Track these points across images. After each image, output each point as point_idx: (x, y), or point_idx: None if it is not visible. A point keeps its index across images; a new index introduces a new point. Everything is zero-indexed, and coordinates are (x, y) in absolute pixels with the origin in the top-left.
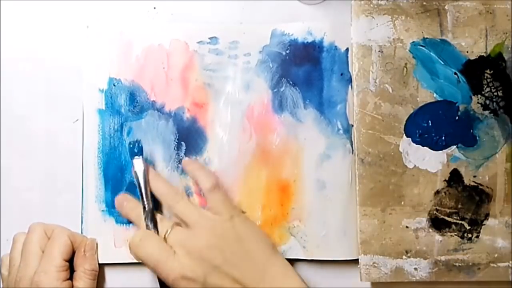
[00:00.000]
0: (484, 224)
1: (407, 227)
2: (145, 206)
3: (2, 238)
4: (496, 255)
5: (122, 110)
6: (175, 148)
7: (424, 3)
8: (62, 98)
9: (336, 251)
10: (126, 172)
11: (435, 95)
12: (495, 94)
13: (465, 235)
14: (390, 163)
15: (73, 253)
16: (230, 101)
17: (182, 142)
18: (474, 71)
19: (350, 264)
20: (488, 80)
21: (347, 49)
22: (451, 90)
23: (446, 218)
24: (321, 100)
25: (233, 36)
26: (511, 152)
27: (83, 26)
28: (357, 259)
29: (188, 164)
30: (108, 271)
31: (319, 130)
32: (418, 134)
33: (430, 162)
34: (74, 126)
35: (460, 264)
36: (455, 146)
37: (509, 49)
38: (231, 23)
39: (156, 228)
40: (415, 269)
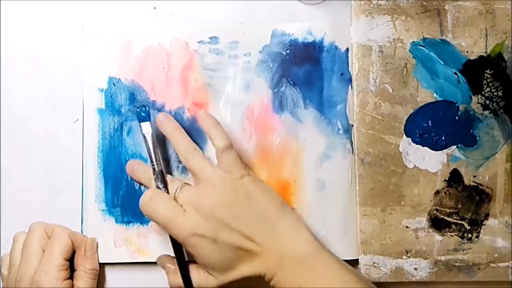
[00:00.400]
0: (484, 224)
1: (407, 227)
2: (154, 168)
3: (2, 238)
4: (496, 255)
5: (122, 110)
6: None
7: (424, 3)
8: (62, 98)
9: (336, 251)
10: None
11: (435, 95)
12: (495, 94)
13: (465, 235)
14: (390, 163)
15: (73, 252)
16: (230, 101)
17: None
18: (474, 71)
19: (350, 264)
20: (488, 80)
21: (347, 49)
22: (451, 90)
23: (446, 218)
24: (321, 100)
25: (233, 36)
26: (511, 152)
27: (83, 26)
28: (357, 259)
29: (204, 119)
30: (108, 270)
31: (319, 130)
32: (418, 134)
33: (430, 162)
34: (74, 126)
35: (460, 264)
36: (455, 146)
37: (509, 49)
38: (231, 23)
39: (166, 188)
40: (415, 269)
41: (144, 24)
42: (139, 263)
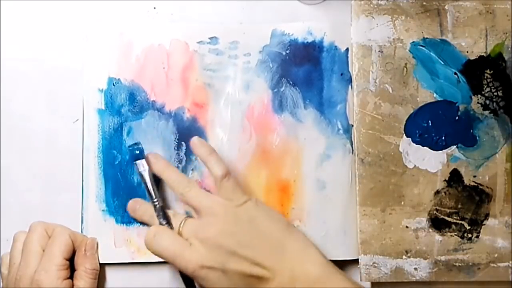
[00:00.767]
0: (484, 224)
1: (407, 227)
2: (155, 204)
3: (2, 238)
4: (496, 255)
5: (122, 110)
6: (175, 148)
7: (424, 3)
8: (62, 98)
9: (336, 251)
10: (126, 172)
11: (435, 95)
12: (495, 94)
13: (465, 235)
14: (390, 163)
15: (73, 252)
16: (230, 101)
17: (183, 142)
18: (474, 71)
19: (350, 264)
20: (488, 80)
21: (347, 49)
22: (451, 90)
23: (446, 218)
24: (321, 100)
25: (233, 36)
26: (511, 152)
27: (83, 26)
28: (357, 259)
29: (199, 146)
30: (108, 270)
31: (319, 130)
32: (418, 134)
33: (430, 162)
34: (74, 126)
35: (460, 264)
36: (455, 146)
37: (509, 49)
38: (231, 23)
39: (170, 224)
40: (415, 269)
41: (144, 24)
42: (139, 263)
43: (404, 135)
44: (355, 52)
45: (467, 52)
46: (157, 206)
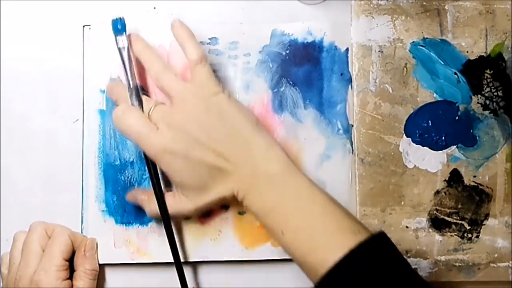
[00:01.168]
0: (484, 224)
1: (407, 227)
2: (129, 84)
3: (2, 238)
4: (496, 255)
5: None
6: None
7: (424, 3)
8: (62, 98)
9: None
10: (126, 172)
11: (435, 95)
12: (495, 94)
13: (465, 235)
14: (390, 163)
15: (73, 252)
16: None
17: None
18: (474, 71)
19: None
20: (488, 80)
21: (347, 49)
22: (451, 90)
23: (446, 218)
24: (321, 100)
25: (233, 37)
26: (511, 152)
27: (83, 26)
28: None
29: (178, 28)
30: (108, 271)
31: (319, 130)
32: (418, 134)
33: (430, 162)
34: (74, 126)
35: (460, 264)
36: (455, 146)
37: (509, 49)
38: (231, 23)
39: (141, 106)
40: (415, 269)
41: (144, 25)
42: (139, 264)
43: (404, 135)
44: (355, 52)
45: (467, 52)
46: (131, 85)
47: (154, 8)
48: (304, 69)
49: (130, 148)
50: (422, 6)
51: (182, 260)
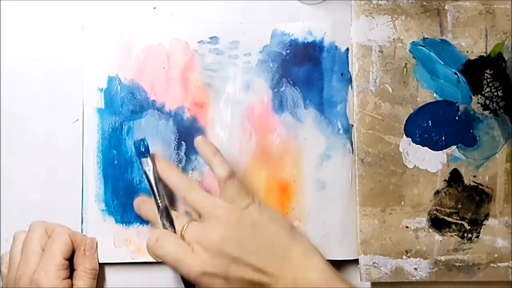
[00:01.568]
0: (484, 224)
1: (407, 227)
2: (159, 205)
3: (2, 238)
4: (496, 255)
5: (122, 110)
6: (175, 147)
7: (424, 3)
8: (62, 98)
9: (336, 251)
10: (126, 171)
11: (435, 95)
12: (495, 94)
13: (465, 235)
14: (390, 163)
15: (73, 252)
16: (230, 101)
17: (182, 142)
18: (474, 71)
19: (350, 264)
20: (488, 80)
21: (348, 49)
22: (451, 90)
23: (446, 218)
24: (321, 100)
25: (233, 36)
26: (511, 152)
27: (83, 25)
28: (357, 259)
29: (203, 145)
30: (108, 270)
31: (319, 130)
32: (418, 134)
33: (430, 162)
34: (74, 126)
35: (460, 264)
36: (455, 146)
37: (509, 49)
38: (231, 23)
39: (172, 226)
40: (415, 269)
41: (144, 23)
42: (139, 263)
43: (404, 135)
44: (355, 52)
45: (467, 52)
46: (160, 207)
47: (154, 8)
48: (305, 69)
49: (129, 147)
50: (422, 6)
51: None
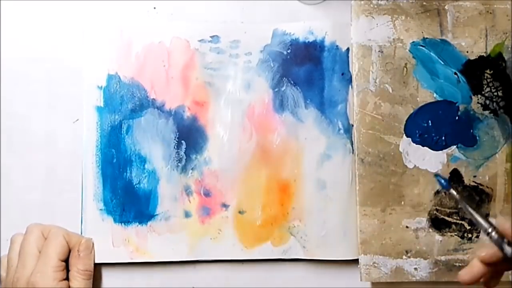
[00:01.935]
0: None
1: (407, 227)
2: (490, 234)
3: (2, 238)
4: None
5: (121, 108)
6: (175, 146)
7: (424, 3)
8: (62, 98)
9: (336, 251)
10: (125, 170)
11: (435, 95)
12: (495, 94)
13: (465, 235)
14: (390, 163)
15: (70, 253)
16: (230, 100)
17: (182, 141)
18: (474, 71)
19: (350, 264)
20: (488, 80)
21: (348, 48)
22: (451, 90)
23: (446, 218)
24: (322, 100)
25: (234, 35)
26: (511, 152)
27: (83, 25)
28: (357, 259)
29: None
30: (106, 270)
31: (320, 130)
32: (418, 134)
33: (430, 162)
34: (74, 125)
35: (460, 264)
36: (455, 146)
37: (509, 49)
38: (232, 22)
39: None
40: (415, 269)
41: (144, 22)
42: (137, 263)
43: (404, 135)
44: (355, 52)
45: (467, 52)
46: (493, 236)
47: (154, 8)
48: (305, 68)
49: (128, 146)
50: (422, 6)
51: (181, 259)
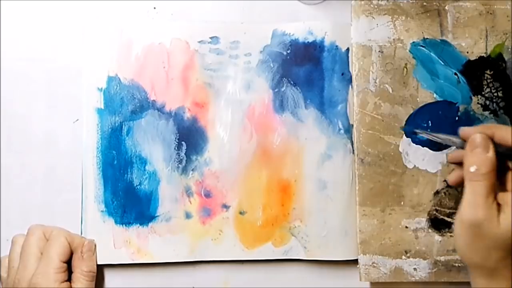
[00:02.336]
0: None
1: (406, 227)
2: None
3: (2, 238)
4: None
5: (122, 110)
6: (176, 148)
7: (424, 3)
8: (62, 98)
9: (337, 251)
10: (126, 172)
11: (435, 95)
12: (495, 94)
13: None
14: (390, 163)
15: (71, 254)
16: (230, 101)
17: (183, 142)
18: (474, 71)
19: (350, 264)
20: (488, 81)
21: (348, 48)
22: (451, 91)
23: (446, 219)
24: (322, 100)
25: (234, 36)
26: None
27: (83, 25)
28: (357, 259)
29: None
30: (107, 272)
31: (320, 130)
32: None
33: (430, 162)
34: (74, 126)
35: (459, 264)
36: (455, 147)
37: (509, 49)
38: (232, 22)
39: None
40: (415, 269)
41: (144, 23)
42: (139, 264)
43: (404, 135)
44: (355, 52)
45: (467, 52)
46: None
47: (154, 8)
48: (305, 69)
49: (129, 148)
50: (422, 7)
51: (182, 260)
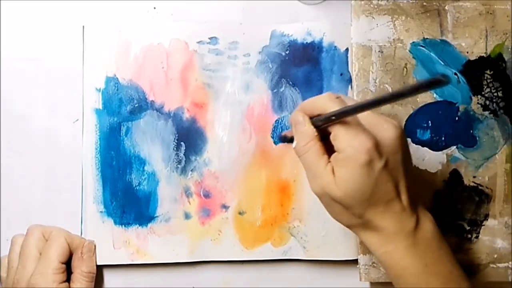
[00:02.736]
0: (484, 225)
1: None
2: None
3: (2, 238)
4: (495, 256)
5: (120, 110)
6: (175, 148)
7: (424, 3)
8: (62, 98)
9: (336, 251)
10: (125, 172)
11: (435, 95)
12: (495, 94)
13: (464, 235)
14: None
15: (70, 255)
16: (229, 101)
17: (182, 143)
18: (474, 71)
19: (350, 264)
20: (488, 81)
21: (347, 49)
22: (451, 91)
23: (445, 219)
24: None
25: (233, 37)
26: (511, 152)
27: (83, 25)
28: (356, 259)
29: None
30: (107, 272)
31: None
32: (418, 134)
33: (430, 162)
34: (74, 126)
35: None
36: (455, 147)
37: (509, 49)
38: (231, 23)
39: None
40: None
41: (143, 23)
42: (138, 264)
43: None
44: (355, 52)
45: (467, 52)
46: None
47: (154, 8)
48: (304, 69)
49: (128, 148)
50: (422, 7)
51: (181, 260)
